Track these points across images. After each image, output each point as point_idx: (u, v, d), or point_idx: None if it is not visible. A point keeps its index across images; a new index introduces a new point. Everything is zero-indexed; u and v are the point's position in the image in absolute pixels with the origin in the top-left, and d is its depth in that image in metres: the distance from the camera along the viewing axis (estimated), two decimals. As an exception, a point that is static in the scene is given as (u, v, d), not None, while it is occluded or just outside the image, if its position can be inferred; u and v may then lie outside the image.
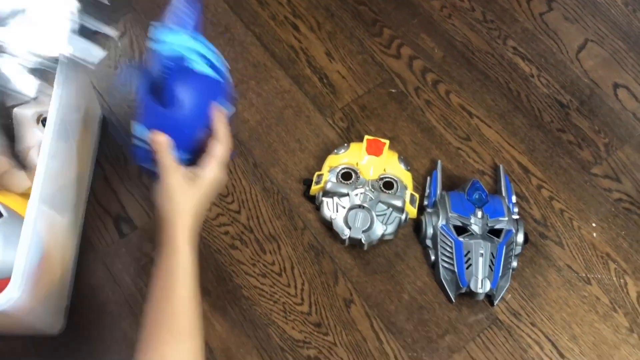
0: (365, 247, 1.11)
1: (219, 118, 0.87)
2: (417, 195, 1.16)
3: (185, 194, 0.82)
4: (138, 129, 0.85)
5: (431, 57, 1.33)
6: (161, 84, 0.84)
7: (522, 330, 1.07)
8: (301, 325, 1.06)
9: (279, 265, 1.12)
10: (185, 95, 0.84)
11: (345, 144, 1.19)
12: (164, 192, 0.82)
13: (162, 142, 0.82)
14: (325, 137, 1.23)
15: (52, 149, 0.91)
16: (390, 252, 1.13)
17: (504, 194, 1.14)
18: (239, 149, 1.22)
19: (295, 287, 1.10)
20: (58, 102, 0.94)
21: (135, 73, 0.95)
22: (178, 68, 0.84)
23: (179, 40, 0.85)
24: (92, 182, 1.17)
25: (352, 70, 1.31)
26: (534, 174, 1.20)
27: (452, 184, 1.19)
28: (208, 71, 0.88)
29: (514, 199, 1.14)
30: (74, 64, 0.90)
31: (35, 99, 1.07)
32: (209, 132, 0.86)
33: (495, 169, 1.21)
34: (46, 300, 0.98)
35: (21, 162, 1.04)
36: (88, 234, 1.13)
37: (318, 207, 1.15)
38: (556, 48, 1.34)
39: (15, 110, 1.03)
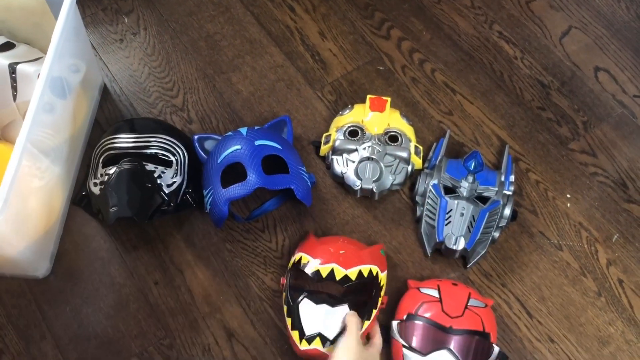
0: (376, 197, 1.17)
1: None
2: (421, 147, 1.22)
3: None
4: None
5: (419, 39, 1.39)
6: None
7: (492, 290, 1.11)
8: (280, 278, 1.12)
9: (263, 222, 1.17)
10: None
11: (349, 105, 1.26)
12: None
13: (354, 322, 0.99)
14: (313, 108, 1.30)
15: (44, 98, 0.99)
16: (369, 215, 1.18)
17: (502, 170, 1.18)
18: (232, 116, 1.29)
19: (277, 243, 1.15)
20: (53, 56, 1.01)
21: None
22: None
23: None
24: (88, 141, 1.25)
25: (343, 48, 1.38)
26: (512, 148, 1.25)
27: (457, 155, 1.24)
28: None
29: (512, 177, 1.17)
30: None
31: (39, 59, 1.16)
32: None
33: (477, 142, 1.26)
34: (32, 240, 1.06)
35: (22, 114, 1.12)
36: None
37: (328, 167, 1.21)
38: (540, 33, 1.40)
39: (19, 66, 1.11)
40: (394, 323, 1.03)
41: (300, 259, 1.06)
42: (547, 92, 1.32)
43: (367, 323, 1.02)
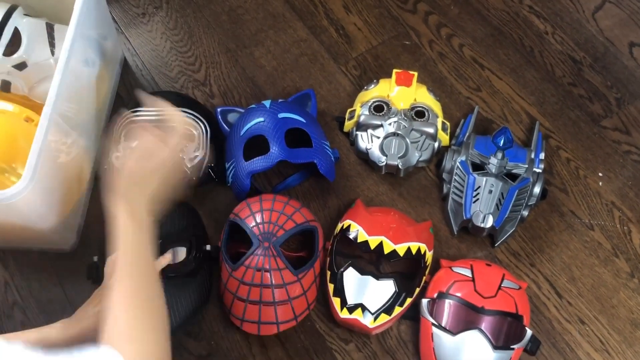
0: (402, 174, 1.14)
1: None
2: (448, 123, 1.19)
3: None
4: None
5: (446, 13, 1.35)
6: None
7: (521, 270, 1.08)
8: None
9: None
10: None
11: (375, 80, 1.22)
12: None
13: None
14: (337, 83, 1.27)
15: (71, 55, 0.98)
16: (394, 192, 1.16)
17: (532, 147, 1.15)
18: (254, 91, 1.27)
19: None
20: (76, 23, 1.01)
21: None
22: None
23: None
24: (110, 113, 1.23)
25: (368, 22, 1.34)
26: (542, 125, 1.21)
27: (485, 132, 1.20)
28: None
29: (542, 155, 1.14)
30: None
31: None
32: None
33: (506, 119, 1.23)
34: (63, 212, 1.05)
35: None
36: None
37: (352, 142, 1.19)
38: (572, 8, 1.35)
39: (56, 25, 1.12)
40: (424, 301, 1.00)
41: (349, 227, 1.05)
42: (579, 68, 1.28)
43: (409, 300, 1.01)
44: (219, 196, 1.15)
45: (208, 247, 1.05)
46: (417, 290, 1.03)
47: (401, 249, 1.02)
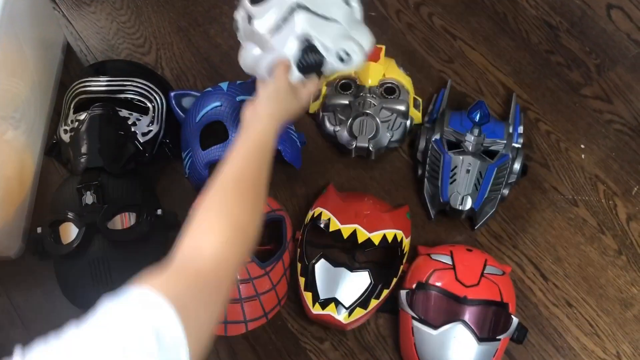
0: (373, 157, 1.07)
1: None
2: (420, 100, 1.11)
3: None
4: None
5: (414, -20, 1.27)
6: None
7: (503, 253, 1.02)
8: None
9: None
10: None
11: None
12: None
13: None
14: (300, 61, 1.18)
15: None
16: (366, 176, 1.08)
17: (510, 120, 1.07)
18: (210, 73, 1.17)
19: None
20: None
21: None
22: None
23: None
24: (53, 104, 1.13)
25: (330, -6, 1.25)
26: (519, 96, 1.14)
27: (459, 106, 1.12)
28: None
29: (520, 129, 1.07)
30: None
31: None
32: None
33: (481, 92, 1.15)
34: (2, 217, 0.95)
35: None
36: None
37: (319, 125, 1.10)
38: (546, -31, 1.28)
39: None
40: (402, 292, 0.93)
41: (320, 215, 0.97)
42: (556, 34, 1.21)
43: (385, 291, 0.94)
44: (175, 180, 1.07)
45: (159, 211, 0.98)
46: (395, 280, 0.96)
47: (376, 237, 0.94)
